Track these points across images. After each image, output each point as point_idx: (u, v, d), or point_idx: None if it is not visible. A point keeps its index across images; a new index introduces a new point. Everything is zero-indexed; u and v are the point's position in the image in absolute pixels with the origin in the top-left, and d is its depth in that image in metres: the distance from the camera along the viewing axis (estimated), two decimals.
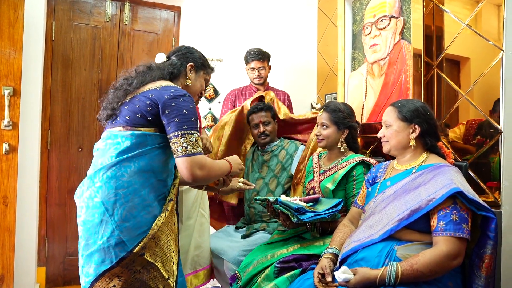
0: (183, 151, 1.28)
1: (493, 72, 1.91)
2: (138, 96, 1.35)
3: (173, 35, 3.21)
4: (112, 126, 1.37)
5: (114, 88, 1.43)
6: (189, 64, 1.53)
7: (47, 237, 2.80)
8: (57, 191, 2.84)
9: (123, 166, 1.27)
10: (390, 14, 2.55)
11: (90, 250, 1.25)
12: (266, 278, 1.62)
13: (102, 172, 1.27)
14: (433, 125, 1.47)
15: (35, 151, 2.56)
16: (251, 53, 2.73)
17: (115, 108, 1.36)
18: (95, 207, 1.25)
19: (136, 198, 1.26)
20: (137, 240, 1.24)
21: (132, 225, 1.24)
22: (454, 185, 1.25)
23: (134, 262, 1.25)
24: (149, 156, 1.31)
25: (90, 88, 2.94)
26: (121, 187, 1.25)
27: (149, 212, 1.28)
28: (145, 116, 1.32)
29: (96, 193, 1.26)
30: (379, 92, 2.63)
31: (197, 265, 2.05)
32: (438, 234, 1.25)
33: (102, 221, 1.24)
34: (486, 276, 1.25)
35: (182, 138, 1.29)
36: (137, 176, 1.28)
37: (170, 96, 1.32)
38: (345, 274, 1.27)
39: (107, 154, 1.31)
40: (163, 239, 1.31)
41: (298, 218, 1.67)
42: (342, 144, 1.92)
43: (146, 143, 1.31)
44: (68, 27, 2.86)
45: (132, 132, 1.31)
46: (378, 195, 1.49)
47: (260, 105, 2.36)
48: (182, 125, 1.29)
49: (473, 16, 2.04)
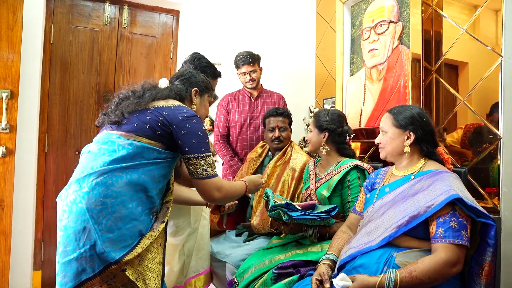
0: (203, 173, 1.35)
1: (492, 78, 1.91)
2: (151, 109, 1.37)
3: (172, 38, 3.20)
4: (113, 129, 1.35)
5: (120, 98, 1.43)
6: (194, 89, 1.56)
7: (43, 240, 2.78)
8: (54, 195, 2.82)
9: (115, 175, 1.25)
10: (389, 19, 2.55)
11: (68, 258, 1.20)
12: (263, 284, 1.61)
13: (93, 177, 1.23)
14: (429, 131, 1.46)
15: (33, 154, 2.55)
16: (240, 57, 2.69)
17: (125, 116, 1.35)
18: (79, 213, 1.20)
19: (124, 209, 1.23)
20: (120, 253, 1.20)
21: (115, 236, 1.20)
22: (453, 192, 1.25)
23: (115, 277, 1.21)
24: (142, 170, 1.29)
25: (88, 91, 2.93)
26: (109, 197, 1.22)
27: (135, 226, 1.25)
28: (153, 128, 1.32)
29: (81, 199, 1.21)
30: (378, 96, 2.63)
31: (200, 268, 2.04)
32: (437, 241, 1.24)
33: (85, 228, 1.19)
34: (486, 284, 1.24)
35: (201, 160, 1.35)
36: (127, 187, 1.25)
37: (184, 117, 1.35)
38: (343, 281, 1.26)
39: (100, 159, 1.28)
40: (148, 259, 1.28)
41: (288, 215, 1.66)
42: (324, 147, 1.94)
43: (142, 156, 1.30)
44: (66, 30, 2.86)
45: (131, 142, 1.30)
46: (377, 201, 1.48)
47: (280, 110, 2.37)
48: (200, 147, 1.35)
49: (471, 22, 2.04)
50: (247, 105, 2.78)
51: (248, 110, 2.77)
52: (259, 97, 2.81)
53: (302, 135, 3.33)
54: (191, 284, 2.00)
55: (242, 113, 2.77)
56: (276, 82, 3.28)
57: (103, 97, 2.97)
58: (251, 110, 2.78)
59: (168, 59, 3.19)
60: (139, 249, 1.23)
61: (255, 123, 2.76)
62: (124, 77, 3.04)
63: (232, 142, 2.77)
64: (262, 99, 2.81)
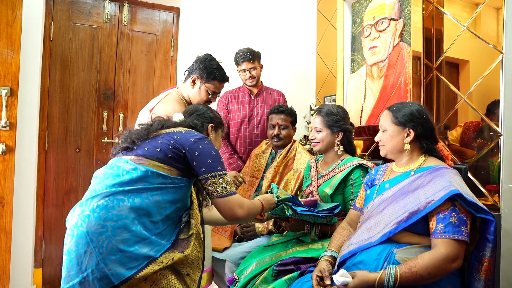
0: (223, 191, 1.34)
1: (493, 75, 1.91)
2: (163, 135, 1.39)
3: (172, 36, 3.20)
4: (123, 155, 1.37)
5: (129, 130, 1.44)
6: (210, 124, 1.62)
7: (44, 238, 2.79)
8: (55, 192, 2.83)
9: (117, 198, 1.24)
10: (390, 16, 2.55)
11: (72, 283, 1.17)
12: (264, 281, 1.61)
13: (95, 200, 1.23)
14: (429, 128, 1.46)
15: (33, 151, 2.55)
16: (240, 54, 2.68)
17: (135, 142, 1.36)
18: (80, 236, 1.19)
19: (125, 233, 1.20)
20: (123, 276, 1.17)
21: (118, 259, 1.18)
22: (452, 187, 1.25)
23: None
24: (146, 194, 1.27)
25: (89, 89, 2.93)
26: (109, 220, 1.20)
27: (140, 249, 1.21)
28: (164, 152, 1.33)
29: (82, 222, 1.20)
30: (378, 94, 2.62)
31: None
32: (437, 237, 1.24)
33: (86, 252, 1.17)
34: (485, 280, 1.24)
35: (220, 178, 1.34)
36: (128, 211, 1.23)
37: (196, 139, 1.37)
38: (343, 277, 1.26)
39: (103, 182, 1.28)
40: (162, 284, 1.24)
41: (293, 209, 1.66)
42: (338, 147, 1.91)
43: (146, 180, 1.29)
44: (66, 28, 2.85)
45: (135, 166, 1.29)
46: (377, 198, 1.48)
47: (283, 108, 2.35)
48: (216, 166, 1.35)
49: (472, 19, 2.04)
50: (247, 102, 2.77)
51: (248, 107, 2.76)
52: (259, 94, 2.80)
53: (303, 133, 3.33)
54: None
55: (241, 110, 2.76)
56: (276, 79, 3.27)
57: (103, 95, 2.97)
58: (251, 108, 2.77)
59: (168, 57, 3.19)
60: (146, 272, 1.20)
61: (255, 120, 2.76)
62: (125, 74, 3.03)
63: (232, 140, 2.77)
64: (262, 97, 2.80)
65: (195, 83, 2.02)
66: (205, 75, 1.99)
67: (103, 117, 2.96)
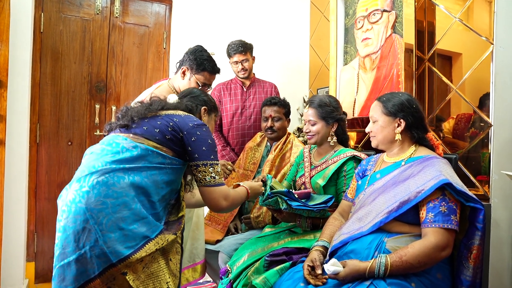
0: (211, 181, 1.35)
1: (484, 66, 1.92)
2: (162, 116, 1.39)
3: (165, 28, 3.17)
4: (121, 132, 1.35)
5: (127, 107, 1.44)
6: (204, 107, 1.63)
7: (36, 232, 2.77)
8: (47, 185, 2.81)
9: (117, 175, 1.22)
10: (382, 7, 2.54)
11: (68, 260, 1.16)
12: (256, 271, 1.62)
13: (94, 176, 1.21)
14: (419, 117, 1.46)
15: (24, 144, 2.52)
16: (232, 46, 2.67)
17: (134, 120, 1.36)
18: (78, 212, 1.17)
19: (125, 210, 1.19)
20: (121, 254, 1.16)
21: (117, 237, 1.16)
22: (442, 177, 1.26)
23: (115, 279, 1.16)
24: (145, 173, 1.27)
25: (80, 81, 2.90)
26: (110, 197, 1.19)
27: (138, 228, 1.20)
28: (163, 133, 1.33)
29: (81, 198, 1.18)
30: (371, 86, 2.63)
31: (196, 258, 2.04)
32: (427, 226, 1.25)
33: (85, 228, 1.15)
34: (474, 267, 1.25)
35: (210, 167, 1.36)
36: (129, 189, 1.22)
37: (194, 124, 1.38)
38: (334, 266, 1.27)
39: (102, 158, 1.26)
40: (154, 268, 1.24)
41: (288, 204, 1.66)
42: (332, 137, 1.91)
43: (146, 159, 1.29)
44: (57, 19, 2.82)
45: (136, 144, 1.29)
46: (368, 188, 1.49)
47: (276, 99, 2.34)
48: (210, 154, 1.37)
49: (464, 11, 2.04)
50: (239, 94, 2.77)
51: (240, 99, 2.76)
52: (252, 86, 2.79)
53: (296, 125, 3.33)
54: (185, 274, 2.00)
55: (234, 102, 2.75)
56: (270, 72, 3.26)
57: (95, 87, 2.94)
58: (243, 100, 2.76)
59: (161, 49, 3.16)
60: (143, 253, 1.19)
61: (247, 112, 2.75)
62: (117, 67, 3.01)
63: (224, 132, 2.76)
64: (255, 89, 2.79)
65: (185, 75, 2.02)
66: (195, 66, 1.99)
67: (95, 109, 2.94)
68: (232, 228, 2.26)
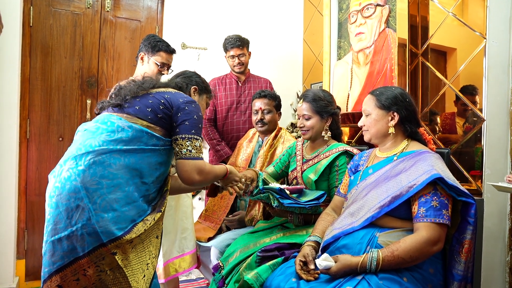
0: (186, 154, 1.34)
1: (477, 61, 1.91)
2: (153, 94, 1.41)
3: (157, 23, 3.13)
4: (114, 112, 1.36)
5: (120, 86, 1.45)
6: (194, 86, 1.65)
7: (26, 229, 2.74)
8: (37, 182, 2.77)
9: (113, 157, 1.24)
10: (376, 2, 2.53)
11: (59, 236, 1.17)
12: (248, 267, 1.60)
13: (90, 156, 1.22)
14: (412, 111, 1.46)
15: (13, 140, 2.49)
16: (229, 40, 2.68)
17: (127, 99, 1.37)
18: (73, 190, 1.18)
19: (119, 192, 1.22)
20: (113, 235, 1.18)
21: (110, 217, 1.18)
22: (434, 171, 1.25)
23: (104, 259, 1.18)
24: (140, 155, 1.29)
25: (71, 76, 2.86)
26: (106, 177, 1.21)
27: (130, 210, 1.23)
28: (155, 112, 1.35)
29: (76, 176, 1.19)
30: (365, 80, 2.62)
31: (185, 248, 2.03)
32: (419, 220, 1.24)
33: (79, 206, 1.17)
34: (466, 261, 1.25)
35: (188, 141, 1.35)
36: (124, 171, 1.25)
37: (184, 101, 1.40)
38: (326, 261, 1.26)
39: (98, 137, 1.27)
40: (139, 248, 1.26)
41: (279, 202, 1.65)
42: (326, 132, 1.89)
43: (141, 141, 1.30)
44: (47, 13, 2.77)
45: (131, 125, 1.30)
46: (360, 183, 1.48)
47: (265, 92, 2.32)
48: (191, 129, 1.37)
49: (458, 5, 2.03)
50: (234, 89, 2.76)
51: (235, 94, 2.75)
52: (247, 81, 2.79)
53: (290, 121, 3.32)
54: (174, 264, 1.99)
55: (229, 96, 2.74)
56: (263, 67, 3.24)
57: (87, 82, 2.90)
58: (238, 94, 2.75)
59: None
60: (133, 235, 1.21)
61: (242, 107, 2.74)
62: (108, 61, 2.97)
63: (219, 126, 2.75)
64: (250, 84, 2.79)
65: (144, 60, 2.09)
66: (150, 49, 2.07)
67: (86, 105, 2.90)
68: (225, 227, 2.25)
